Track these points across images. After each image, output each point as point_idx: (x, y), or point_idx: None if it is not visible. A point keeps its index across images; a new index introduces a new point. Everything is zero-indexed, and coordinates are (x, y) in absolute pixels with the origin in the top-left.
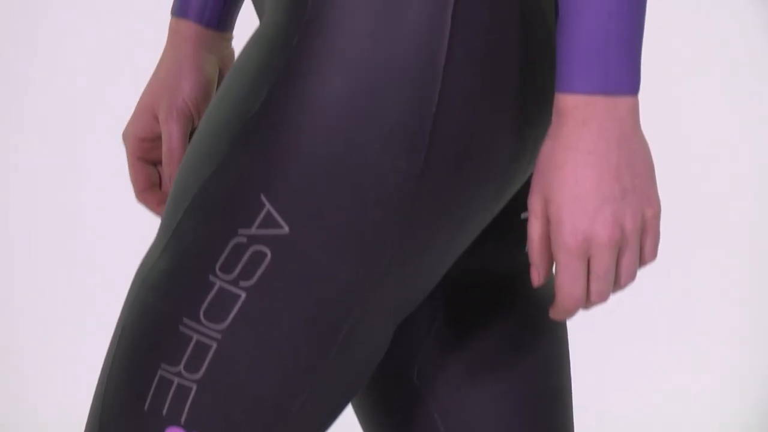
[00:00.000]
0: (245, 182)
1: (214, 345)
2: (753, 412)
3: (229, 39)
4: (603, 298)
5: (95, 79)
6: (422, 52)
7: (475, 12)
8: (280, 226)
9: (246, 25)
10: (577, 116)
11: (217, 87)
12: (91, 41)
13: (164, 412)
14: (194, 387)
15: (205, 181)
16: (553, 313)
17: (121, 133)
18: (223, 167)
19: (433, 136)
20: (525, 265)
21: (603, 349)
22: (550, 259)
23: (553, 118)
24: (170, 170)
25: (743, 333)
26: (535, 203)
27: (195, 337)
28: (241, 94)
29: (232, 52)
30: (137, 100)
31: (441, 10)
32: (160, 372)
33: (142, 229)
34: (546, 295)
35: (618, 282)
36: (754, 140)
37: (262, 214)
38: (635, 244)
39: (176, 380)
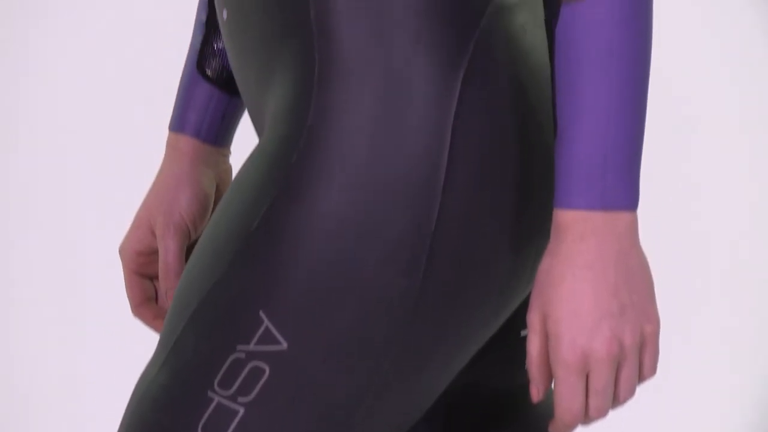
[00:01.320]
0: (244, 298)
1: None
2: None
3: (227, 154)
4: (601, 413)
5: (95, 80)
6: (422, 168)
7: (475, 128)
8: (279, 342)
9: (243, 139)
10: (576, 232)
11: (214, 202)
12: (90, 41)
13: None
14: None
15: (204, 296)
16: (553, 428)
17: (118, 247)
18: (222, 282)
19: (433, 252)
20: (524, 382)
21: None
22: (549, 374)
23: (552, 234)
24: (166, 285)
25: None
26: (533, 318)
27: None
28: (241, 209)
29: (229, 168)
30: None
31: (440, 127)
32: None
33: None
34: (546, 410)
35: (617, 397)
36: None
37: (260, 330)
38: (634, 359)
39: None
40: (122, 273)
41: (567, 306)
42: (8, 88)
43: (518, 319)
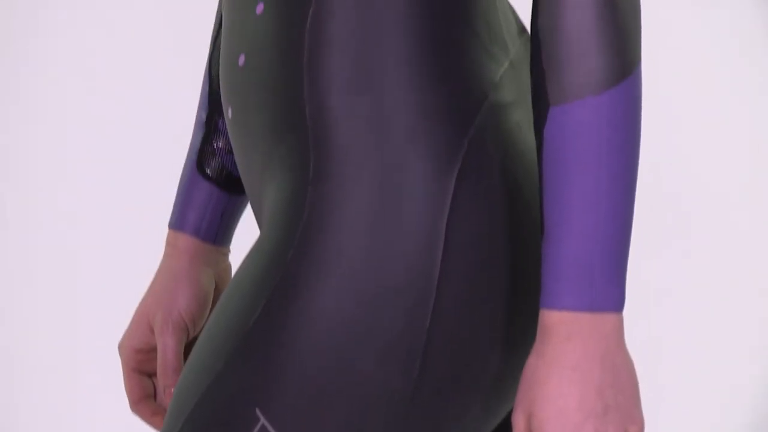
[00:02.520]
0: (241, 395)
1: None
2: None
3: (226, 253)
4: None
5: (96, 80)
6: (417, 265)
7: (469, 225)
8: None
9: (242, 234)
10: (561, 332)
11: (213, 300)
12: (91, 41)
13: None
14: None
15: (202, 394)
16: None
17: (118, 344)
18: (220, 380)
19: (427, 349)
20: None
21: None
22: None
23: (538, 333)
24: (165, 382)
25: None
26: (518, 418)
27: None
28: (239, 307)
29: (228, 266)
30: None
31: (435, 223)
32: None
33: (137, 231)
34: None
35: None
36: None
37: (257, 428)
38: None
39: None
40: (121, 367)
41: (552, 406)
42: (8, 88)
43: (507, 427)
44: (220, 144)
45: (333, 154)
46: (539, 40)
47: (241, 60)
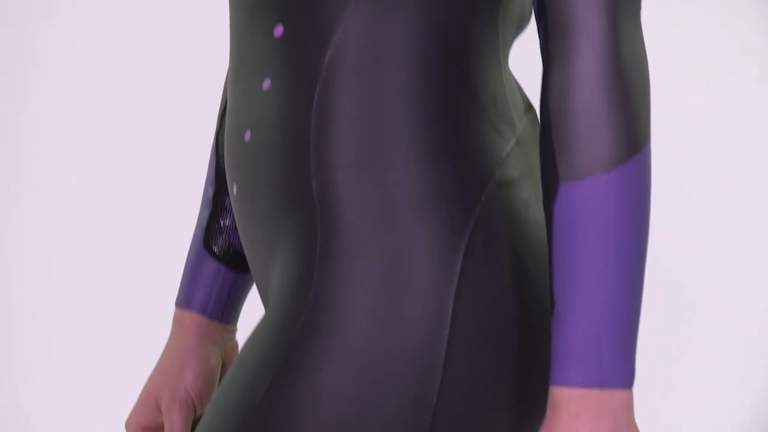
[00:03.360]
0: None
1: None
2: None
3: (233, 331)
4: None
5: (97, 80)
6: (424, 344)
7: (477, 303)
8: None
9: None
10: (571, 409)
11: (220, 378)
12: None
13: None
14: None
15: None
16: None
17: (125, 421)
18: None
19: (434, 427)
20: None
21: None
22: None
23: (548, 410)
24: None
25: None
26: None
27: None
28: (244, 384)
29: (235, 344)
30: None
31: (442, 303)
32: None
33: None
34: None
35: None
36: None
37: None
38: None
39: None
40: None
41: None
42: (9, 88)
43: None
44: (227, 222)
45: (340, 231)
46: (549, 118)
47: (247, 136)
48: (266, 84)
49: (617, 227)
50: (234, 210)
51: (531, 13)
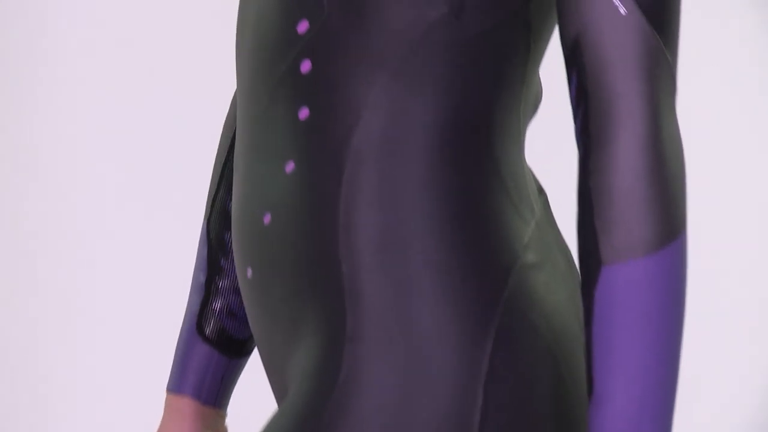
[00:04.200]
0: None
1: None
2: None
3: (224, 416)
4: None
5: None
6: (453, 429)
7: (508, 386)
8: None
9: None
10: None
11: None
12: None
13: None
14: None
15: None
16: None
17: None
18: None
19: None
20: None
21: None
22: None
23: None
24: None
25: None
26: None
27: None
28: None
29: (226, 429)
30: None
31: (473, 385)
32: None
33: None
34: None
35: None
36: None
37: None
38: None
39: None
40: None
41: None
42: (10, 88)
43: None
44: (219, 305)
45: (369, 314)
46: (591, 201)
47: (267, 219)
48: (289, 167)
49: (659, 309)
50: (246, 293)
51: (541, 96)
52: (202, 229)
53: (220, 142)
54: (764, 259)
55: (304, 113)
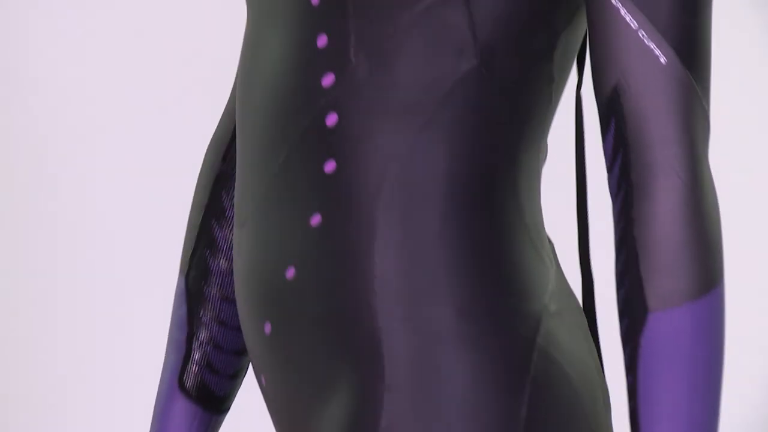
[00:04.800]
0: None
1: None
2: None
3: None
4: None
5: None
6: None
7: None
8: None
9: None
10: None
11: None
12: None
13: None
14: None
15: None
16: None
17: None
18: None
19: None
20: None
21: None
22: None
23: None
24: None
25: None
26: None
27: None
28: None
29: None
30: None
31: (512, 430)
32: None
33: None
34: None
35: None
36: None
37: None
38: None
39: None
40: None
41: None
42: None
43: None
44: (199, 360)
45: (406, 364)
46: (636, 250)
47: (290, 272)
48: (315, 220)
49: (705, 355)
50: (262, 349)
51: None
52: (179, 285)
53: (197, 195)
54: (764, 259)
55: (330, 166)
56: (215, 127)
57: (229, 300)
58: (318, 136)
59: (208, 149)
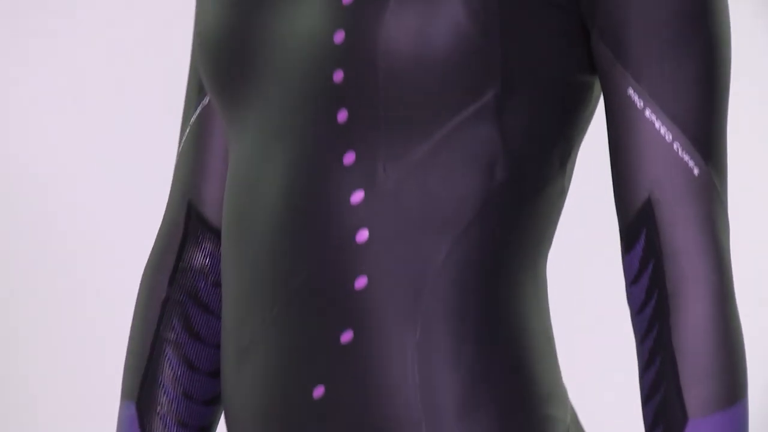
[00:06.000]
0: None
1: None
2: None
3: None
4: None
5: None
6: None
7: None
8: None
9: None
10: None
11: None
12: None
13: None
14: None
15: None
16: None
17: None
18: None
19: None
20: None
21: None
22: None
23: None
24: None
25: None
26: None
27: None
28: None
29: None
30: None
31: None
32: None
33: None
34: None
35: None
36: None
37: None
38: None
39: None
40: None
41: None
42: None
43: None
44: None
45: None
46: (674, 359)
47: (319, 391)
48: (346, 336)
49: None
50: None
51: None
52: (127, 412)
53: (142, 322)
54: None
55: (361, 282)
56: (152, 246)
57: (185, 425)
58: (347, 254)
59: (147, 273)
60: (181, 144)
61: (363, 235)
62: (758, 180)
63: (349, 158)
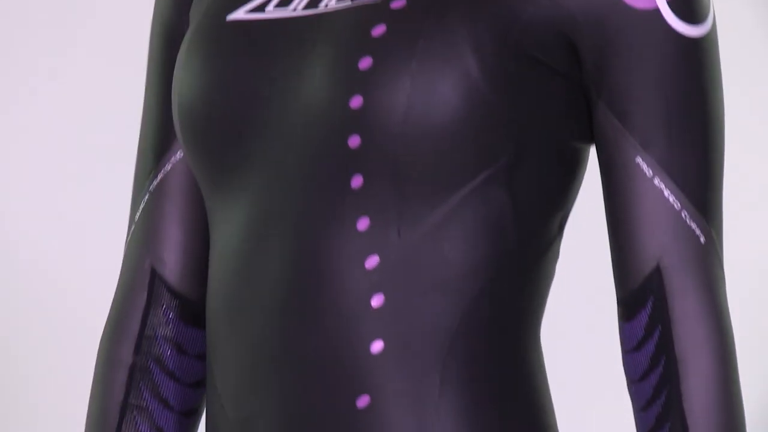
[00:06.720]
0: None
1: None
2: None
3: None
4: None
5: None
6: None
7: None
8: None
9: None
10: None
11: None
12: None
13: None
14: None
15: None
16: None
17: None
18: None
19: None
20: None
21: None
22: None
23: None
24: None
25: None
26: None
27: None
28: None
29: None
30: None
31: None
32: None
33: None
34: None
35: None
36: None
37: None
38: None
39: None
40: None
41: None
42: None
43: None
44: None
45: None
46: (686, 421)
47: (363, 401)
48: (362, 401)
49: None
50: None
51: None
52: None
53: (104, 384)
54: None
55: (377, 346)
56: (110, 309)
57: None
58: (363, 318)
59: (110, 338)
60: (140, 209)
61: (378, 299)
62: (758, 181)
63: (363, 224)
